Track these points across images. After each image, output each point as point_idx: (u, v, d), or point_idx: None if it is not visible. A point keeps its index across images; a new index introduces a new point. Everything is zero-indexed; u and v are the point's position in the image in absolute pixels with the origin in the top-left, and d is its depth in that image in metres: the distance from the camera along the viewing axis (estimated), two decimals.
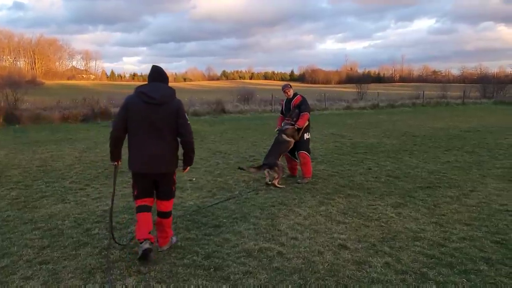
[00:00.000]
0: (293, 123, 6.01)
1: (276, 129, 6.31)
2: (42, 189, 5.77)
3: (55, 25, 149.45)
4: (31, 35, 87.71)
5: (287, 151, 6.21)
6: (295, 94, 6.25)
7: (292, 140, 6.05)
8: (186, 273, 3.16)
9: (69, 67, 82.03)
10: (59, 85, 52.32)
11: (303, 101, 6.15)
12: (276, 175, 5.81)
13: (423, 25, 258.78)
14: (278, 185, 5.79)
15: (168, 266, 3.27)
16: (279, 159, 6.01)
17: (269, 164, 5.86)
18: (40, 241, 3.81)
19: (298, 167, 6.38)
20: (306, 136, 6.14)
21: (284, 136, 6.01)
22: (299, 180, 6.11)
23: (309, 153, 6.19)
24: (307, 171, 6.11)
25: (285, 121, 6.14)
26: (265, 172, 5.91)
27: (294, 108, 6.12)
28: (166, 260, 3.39)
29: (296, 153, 6.20)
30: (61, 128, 14.39)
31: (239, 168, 6.32)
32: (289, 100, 6.27)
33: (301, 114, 6.00)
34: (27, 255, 3.49)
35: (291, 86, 6.37)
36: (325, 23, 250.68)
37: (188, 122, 3.37)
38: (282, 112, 6.47)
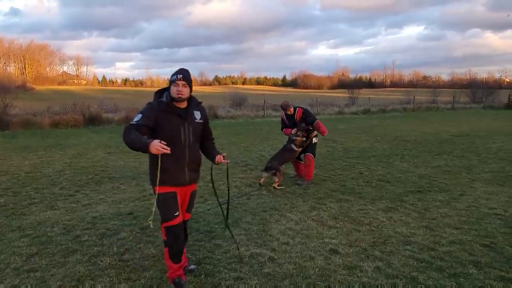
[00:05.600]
0: (301, 135, 6.24)
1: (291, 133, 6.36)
2: (31, 195, 5.70)
3: (50, 31, 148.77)
4: (22, 40, 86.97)
5: (292, 159, 6.49)
6: (294, 108, 6.41)
7: (299, 150, 6.34)
8: None
9: (60, 73, 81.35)
10: (50, 90, 51.80)
11: (306, 113, 6.33)
12: (276, 179, 6.02)
13: (412, 31, 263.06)
14: (277, 187, 6.01)
15: (159, 273, 3.24)
16: (282, 165, 6.21)
17: (272, 167, 6.07)
18: (28, 248, 3.76)
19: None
20: (315, 140, 6.42)
21: (293, 146, 6.28)
22: (299, 182, 6.27)
23: (314, 156, 6.41)
24: (309, 172, 6.29)
25: (295, 130, 6.28)
26: (265, 174, 6.13)
27: (300, 122, 6.28)
28: (156, 266, 3.36)
29: (302, 155, 6.42)
30: (52, 133, 14.24)
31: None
32: (291, 115, 6.39)
33: (314, 124, 6.18)
34: (15, 263, 3.44)
35: (290, 104, 6.47)
36: (317, 29, 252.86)
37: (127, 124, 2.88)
38: (285, 127, 6.53)
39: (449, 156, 8.67)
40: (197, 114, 3.05)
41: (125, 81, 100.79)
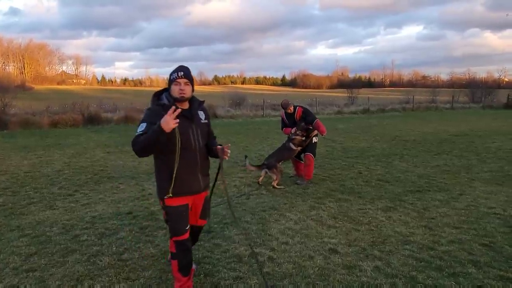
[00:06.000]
0: (300, 134, 6.26)
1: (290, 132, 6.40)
2: (30, 195, 5.69)
3: (49, 31, 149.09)
4: (21, 39, 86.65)
5: (290, 158, 6.47)
6: (294, 107, 6.43)
7: (298, 149, 6.33)
8: None
9: (59, 72, 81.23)
10: (49, 90, 51.73)
11: (306, 112, 6.36)
12: (274, 177, 6.01)
13: (411, 31, 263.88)
14: (277, 187, 5.99)
15: (158, 273, 3.24)
16: (280, 163, 6.20)
17: (268, 165, 6.06)
18: (27, 248, 3.75)
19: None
20: (315, 139, 6.41)
21: (292, 145, 6.27)
22: (298, 181, 6.28)
23: (315, 156, 6.41)
24: (309, 172, 6.30)
25: (295, 129, 6.29)
26: (263, 171, 6.11)
27: (299, 121, 6.29)
28: (155, 266, 3.36)
29: (302, 154, 6.42)
30: (51, 133, 14.22)
31: (246, 156, 6.44)
32: (291, 114, 6.41)
33: (314, 123, 6.20)
34: (14, 263, 3.43)
35: (290, 103, 6.51)
36: (316, 29, 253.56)
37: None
38: (285, 126, 6.56)
39: (448, 156, 8.67)
40: (202, 114, 2.82)
41: (124, 80, 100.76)
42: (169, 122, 2.33)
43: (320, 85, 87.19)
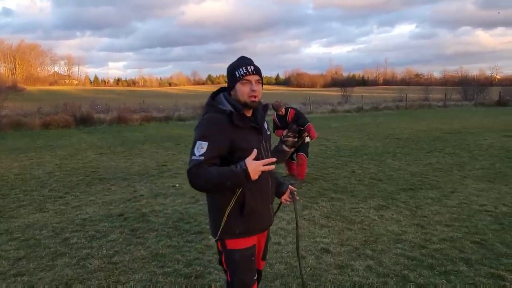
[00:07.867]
0: (292, 136, 6.20)
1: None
2: (20, 198, 5.61)
3: (42, 31, 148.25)
4: (13, 40, 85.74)
5: (283, 161, 6.44)
6: (286, 109, 6.43)
7: (291, 151, 6.27)
8: (166, 281, 3.10)
9: (51, 73, 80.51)
10: (41, 90, 51.26)
11: (298, 114, 6.38)
12: None
13: (404, 30, 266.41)
14: None
15: (148, 275, 3.21)
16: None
17: None
18: (15, 252, 3.70)
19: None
20: (307, 139, 6.42)
21: (284, 147, 6.18)
22: (291, 181, 6.23)
23: (307, 156, 6.43)
24: (301, 172, 6.32)
25: (286, 131, 6.24)
26: None
27: (291, 123, 6.29)
28: (146, 268, 3.32)
29: (294, 154, 6.41)
30: (42, 134, 14.08)
31: None
32: (283, 116, 6.41)
33: (306, 127, 6.24)
34: (2, 267, 3.38)
35: (282, 105, 6.51)
36: (310, 28, 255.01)
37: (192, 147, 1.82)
38: (277, 128, 6.54)
39: (440, 154, 8.71)
40: (265, 124, 2.08)
41: (118, 81, 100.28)
42: (256, 168, 1.69)
43: (314, 83, 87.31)
